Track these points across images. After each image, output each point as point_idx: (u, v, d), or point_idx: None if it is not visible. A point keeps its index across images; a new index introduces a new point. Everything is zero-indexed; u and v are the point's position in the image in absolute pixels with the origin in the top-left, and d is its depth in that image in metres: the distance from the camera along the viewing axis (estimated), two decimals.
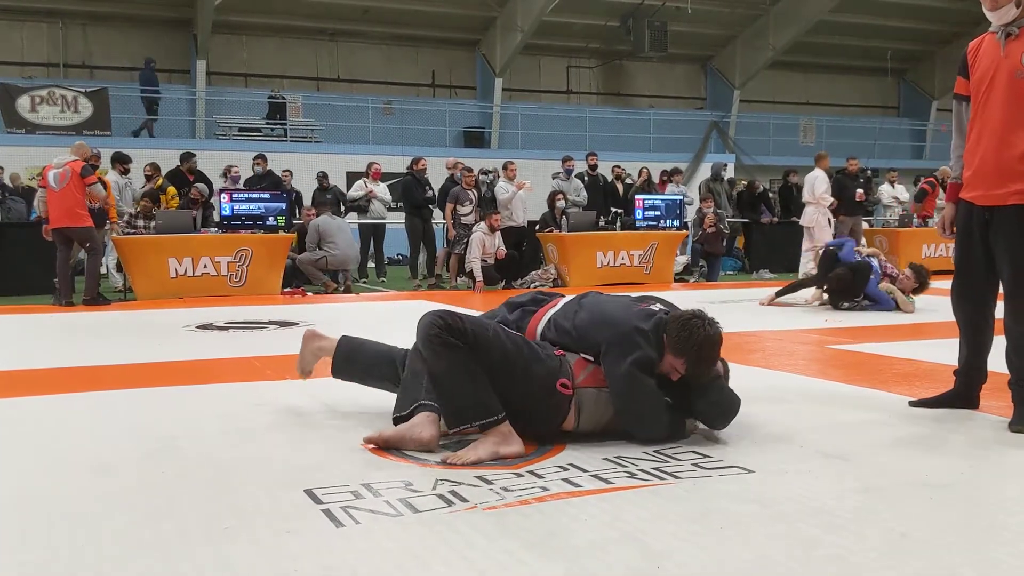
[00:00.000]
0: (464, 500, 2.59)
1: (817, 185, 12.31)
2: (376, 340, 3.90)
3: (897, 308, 7.98)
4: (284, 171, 13.98)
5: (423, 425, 3.16)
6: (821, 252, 9.07)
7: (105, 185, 10.03)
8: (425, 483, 2.77)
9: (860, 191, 13.24)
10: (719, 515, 2.47)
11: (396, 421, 3.31)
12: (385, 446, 3.16)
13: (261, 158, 13.29)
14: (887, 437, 3.39)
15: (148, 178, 12.13)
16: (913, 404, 3.89)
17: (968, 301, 3.68)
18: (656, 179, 15.12)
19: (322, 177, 14.32)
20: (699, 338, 3.14)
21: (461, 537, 2.30)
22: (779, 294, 8.82)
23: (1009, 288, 3.48)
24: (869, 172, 15.58)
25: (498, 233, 11.17)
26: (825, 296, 8.45)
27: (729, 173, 20.06)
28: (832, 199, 12.31)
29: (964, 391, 3.78)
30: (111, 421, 3.78)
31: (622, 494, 2.65)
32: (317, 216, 11.34)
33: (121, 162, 11.74)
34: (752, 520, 2.43)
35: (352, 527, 2.38)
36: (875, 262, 8.24)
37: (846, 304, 8.15)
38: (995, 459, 3.10)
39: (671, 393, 3.24)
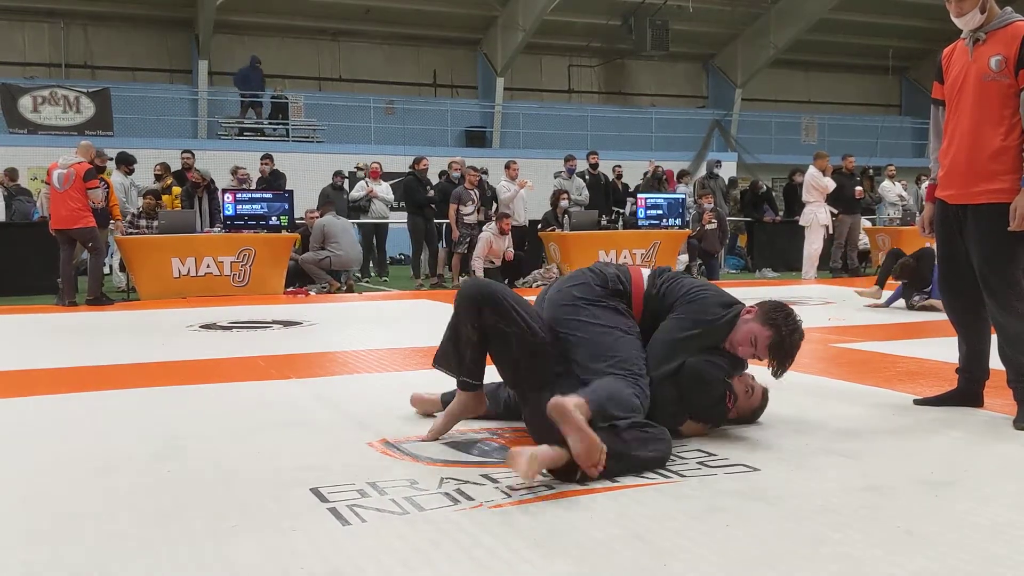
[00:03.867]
0: (470, 498, 2.60)
1: (817, 179, 12.34)
2: None
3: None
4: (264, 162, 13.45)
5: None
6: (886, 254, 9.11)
7: (108, 186, 10.05)
8: (431, 481, 2.77)
9: (859, 188, 13.24)
10: (725, 513, 2.47)
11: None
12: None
13: (268, 158, 13.26)
14: (892, 435, 3.39)
15: (158, 177, 12.15)
16: (918, 403, 3.91)
17: (957, 297, 3.76)
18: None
19: (343, 177, 13.95)
20: (794, 323, 3.25)
21: (467, 535, 2.30)
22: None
23: (985, 285, 3.56)
24: (871, 171, 15.57)
25: (508, 236, 11.16)
26: (878, 299, 8.43)
27: (731, 172, 20.04)
28: (831, 184, 12.34)
29: (968, 389, 3.81)
30: (115, 421, 3.79)
31: (627, 492, 2.65)
32: (321, 216, 11.33)
33: (125, 163, 11.75)
34: (758, 518, 2.43)
35: (358, 525, 2.38)
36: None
37: (916, 297, 8.08)
38: (999, 457, 3.10)
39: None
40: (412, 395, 3.81)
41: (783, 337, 3.22)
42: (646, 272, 3.44)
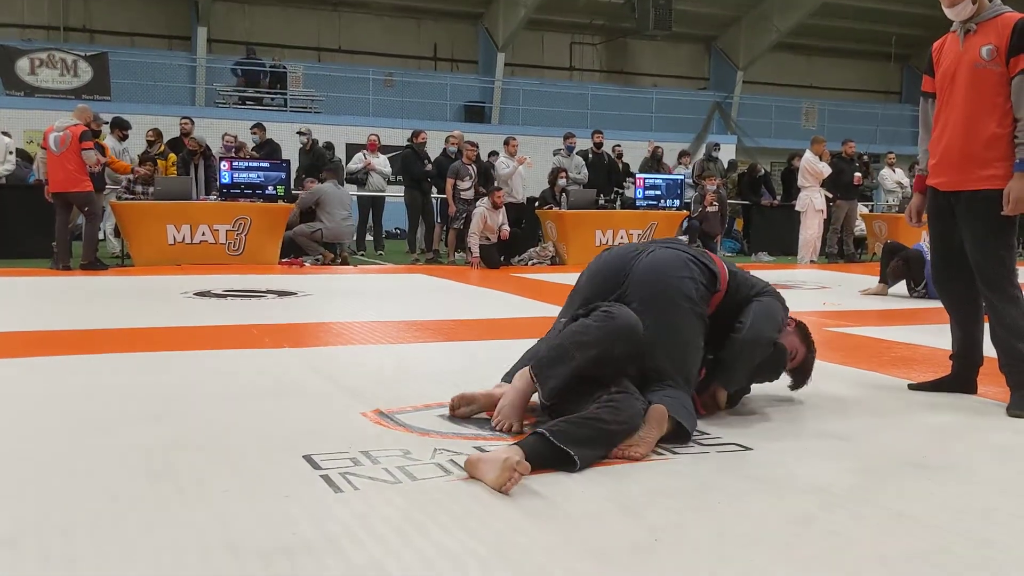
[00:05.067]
0: (463, 469, 2.60)
1: (812, 164, 12.30)
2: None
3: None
4: (254, 131, 13.17)
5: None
6: (883, 247, 9.05)
7: (104, 150, 9.99)
8: (423, 452, 2.77)
9: (857, 175, 13.20)
10: (716, 491, 2.48)
11: None
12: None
13: (259, 127, 13.17)
14: (885, 419, 3.40)
15: (150, 143, 12.08)
16: (912, 387, 3.93)
17: (950, 283, 3.80)
18: (666, 158, 14.99)
19: (312, 141, 13.29)
20: (814, 348, 3.66)
21: (460, 505, 2.30)
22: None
23: (979, 270, 3.60)
24: (866, 157, 15.53)
25: (503, 210, 11.09)
26: (884, 294, 8.40)
27: (730, 155, 19.98)
28: (827, 169, 12.27)
29: (961, 375, 3.83)
30: (107, 385, 3.77)
31: (621, 468, 2.65)
32: (323, 183, 11.23)
33: (120, 127, 11.67)
34: (749, 496, 2.44)
35: (350, 493, 2.38)
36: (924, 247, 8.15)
37: (915, 294, 8.10)
38: (991, 442, 3.11)
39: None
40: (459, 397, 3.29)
41: (812, 357, 3.61)
42: (726, 270, 3.50)
